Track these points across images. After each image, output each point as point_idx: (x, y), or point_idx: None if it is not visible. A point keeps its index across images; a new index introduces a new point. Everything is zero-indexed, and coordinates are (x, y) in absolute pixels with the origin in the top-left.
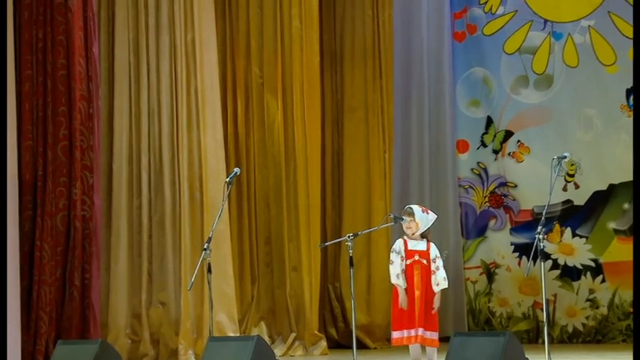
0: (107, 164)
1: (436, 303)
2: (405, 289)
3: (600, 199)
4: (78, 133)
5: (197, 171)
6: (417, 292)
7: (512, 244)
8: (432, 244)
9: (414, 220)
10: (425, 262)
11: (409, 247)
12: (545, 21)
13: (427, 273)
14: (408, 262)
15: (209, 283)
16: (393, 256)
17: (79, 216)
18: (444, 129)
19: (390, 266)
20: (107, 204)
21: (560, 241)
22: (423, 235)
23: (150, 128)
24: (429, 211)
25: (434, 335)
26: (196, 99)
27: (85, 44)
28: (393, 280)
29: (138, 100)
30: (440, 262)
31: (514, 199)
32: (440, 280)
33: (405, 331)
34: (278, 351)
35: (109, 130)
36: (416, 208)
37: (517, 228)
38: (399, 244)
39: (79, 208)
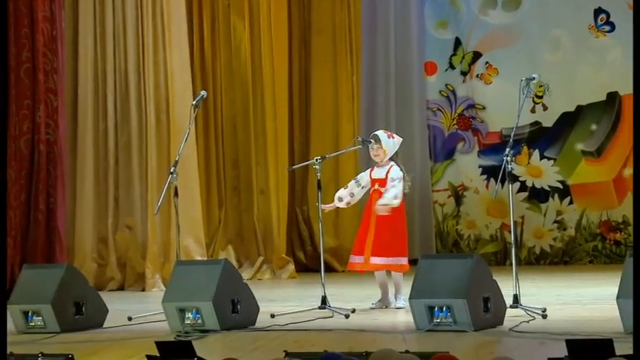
0: (72, 87)
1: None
2: (363, 216)
3: (568, 121)
4: (41, 56)
5: (163, 93)
6: (371, 219)
7: (480, 167)
8: (393, 168)
9: (381, 147)
10: (383, 189)
11: (373, 176)
12: None
13: None
14: (370, 190)
15: (176, 207)
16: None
17: (44, 139)
18: (412, 51)
19: None
20: (72, 128)
21: (529, 163)
22: (391, 159)
23: (115, 50)
24: (394, 135)
25: (399, 260)
26: (162, 20)
27: None
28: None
29: (103, 22)
30: (396, 183)
31: (482, 122)
32: (386, 196)
33: (357, 257)
34: (246, 275)
35: (74, 53)
36: (381, 133)
37: (485, 150)
38: (364, 174)
39: (43, 131)
